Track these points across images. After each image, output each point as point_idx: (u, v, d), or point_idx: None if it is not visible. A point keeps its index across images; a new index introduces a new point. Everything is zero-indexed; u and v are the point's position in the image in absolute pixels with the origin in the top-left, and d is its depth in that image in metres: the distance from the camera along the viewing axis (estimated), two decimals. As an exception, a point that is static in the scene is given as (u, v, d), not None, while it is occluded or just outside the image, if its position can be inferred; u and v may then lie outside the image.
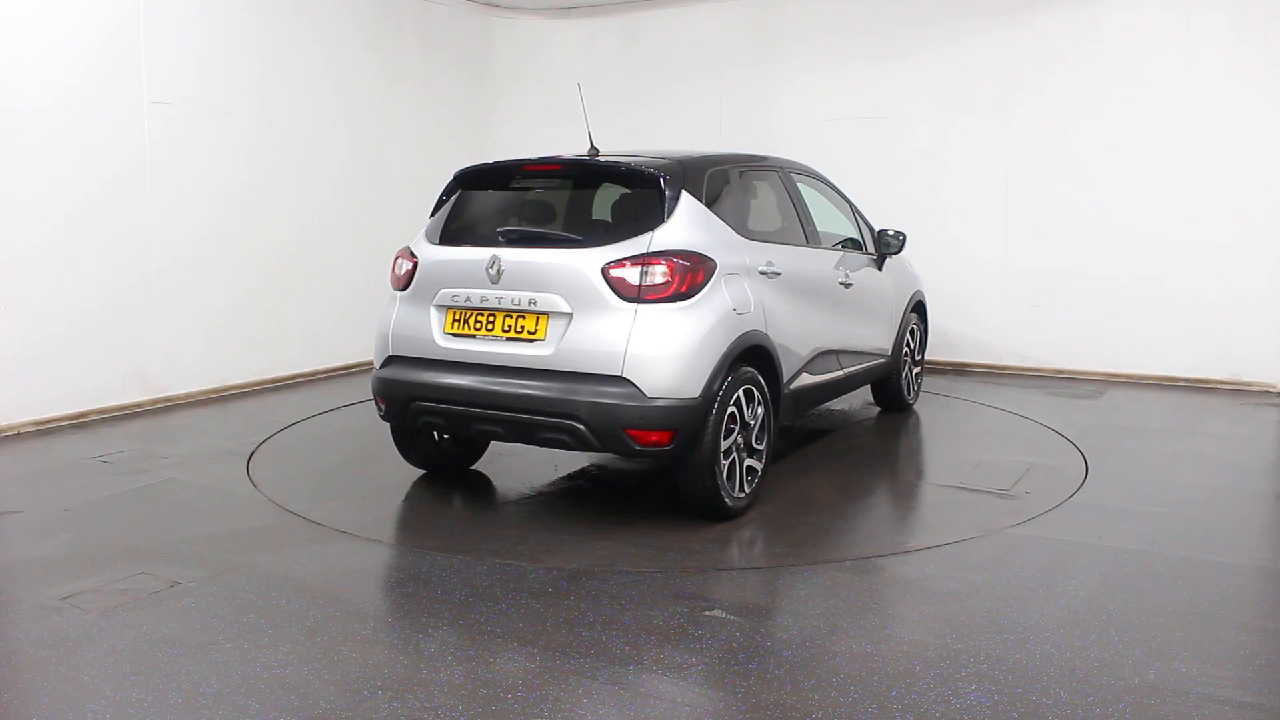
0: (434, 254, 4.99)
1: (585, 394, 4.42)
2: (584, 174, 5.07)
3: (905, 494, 5.46)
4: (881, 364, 6.64)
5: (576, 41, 10.35)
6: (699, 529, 4.66)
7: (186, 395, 7.47)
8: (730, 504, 4.71)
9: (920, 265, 7.64)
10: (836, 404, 7.34)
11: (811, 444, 6.28)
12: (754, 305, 4.83)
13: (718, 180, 5.07)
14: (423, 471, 5.65)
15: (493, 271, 4.71)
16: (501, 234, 4.94)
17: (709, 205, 4.89)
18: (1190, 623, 3.60)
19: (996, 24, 8.53)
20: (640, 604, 3.86)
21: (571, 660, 3.34)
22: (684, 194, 4.74)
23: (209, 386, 7.65)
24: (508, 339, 4.67)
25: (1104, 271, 8.26)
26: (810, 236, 5.75)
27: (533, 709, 3.01)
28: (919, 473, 5.85)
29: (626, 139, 9.67)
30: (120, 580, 3.99)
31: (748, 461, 4.82)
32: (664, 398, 4.39)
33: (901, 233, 6.63)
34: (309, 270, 8.35)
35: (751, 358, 4.83)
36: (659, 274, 4.46)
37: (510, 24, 10.37)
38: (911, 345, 7.10)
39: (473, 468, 5.79)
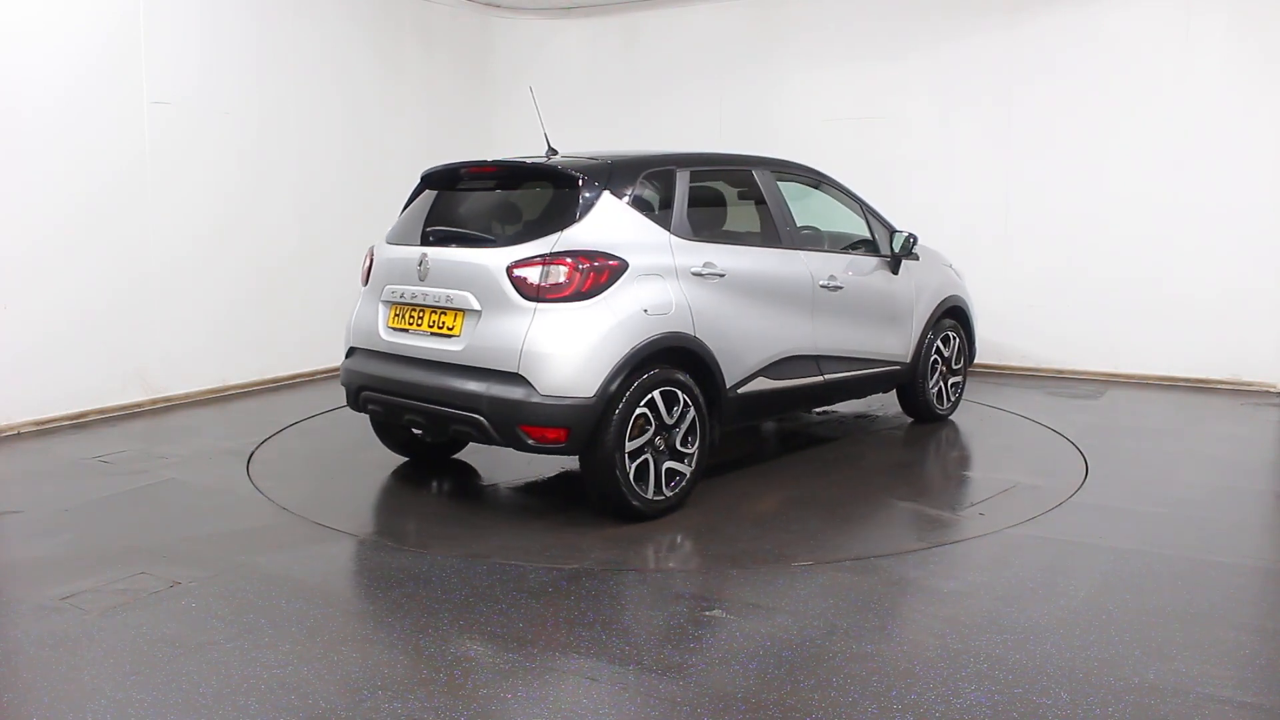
0: (384, 252, 5.28)
1: (486, 389, 4.58)
2: (516, 175, 5.20)
3: (848, 509, 5.03)
4: (893, 371, 6.35)
5: (577, 41, 10.35)
6: (601, 529, 4.65)
7: (186, 395, 7.48)
8: (639, 506, 4.67)
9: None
10: (862, 411, 7.14)
11: (800, 452, 6.18)
12: (677, 306, 4.79)
13: (656, 181, 5.06)
14: (415, 463, 5.74)
15: (421, 269, 4.94)
16: (430, 233, 5.14)
17: (640, 205, 4.92)
18: (1190, 623, 3.60)
19: (996, 24, 8.54)
20: (640, 604, 3.87)
21: (571, 660, 3.34)
22: (605, 194, 4.80)
23: (209, 386, 7.65)
24: (431, 334, 4.88)
25: (1104, 271, 8.27)
26: (787, 238, 5.58)
27: (533, 709, 3.01)
28: (884, 487, 5.44)
29: (626, 139, 9.69)
30: (120, 580, 3.99)
31: (668, 464, 4.78)
32: (556, 396, 4.46)
33: (912, 235, 6.31)
34: (309, 270, 8.35)
35: (673, 359, 4.81)
36: (560, 274, 4.53)
37: (510, 24, 10.37)
38: (944, 353, 6.72)
39: (455, 457, 5.91)
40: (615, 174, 4.90)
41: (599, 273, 4.58)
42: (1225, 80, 7.73)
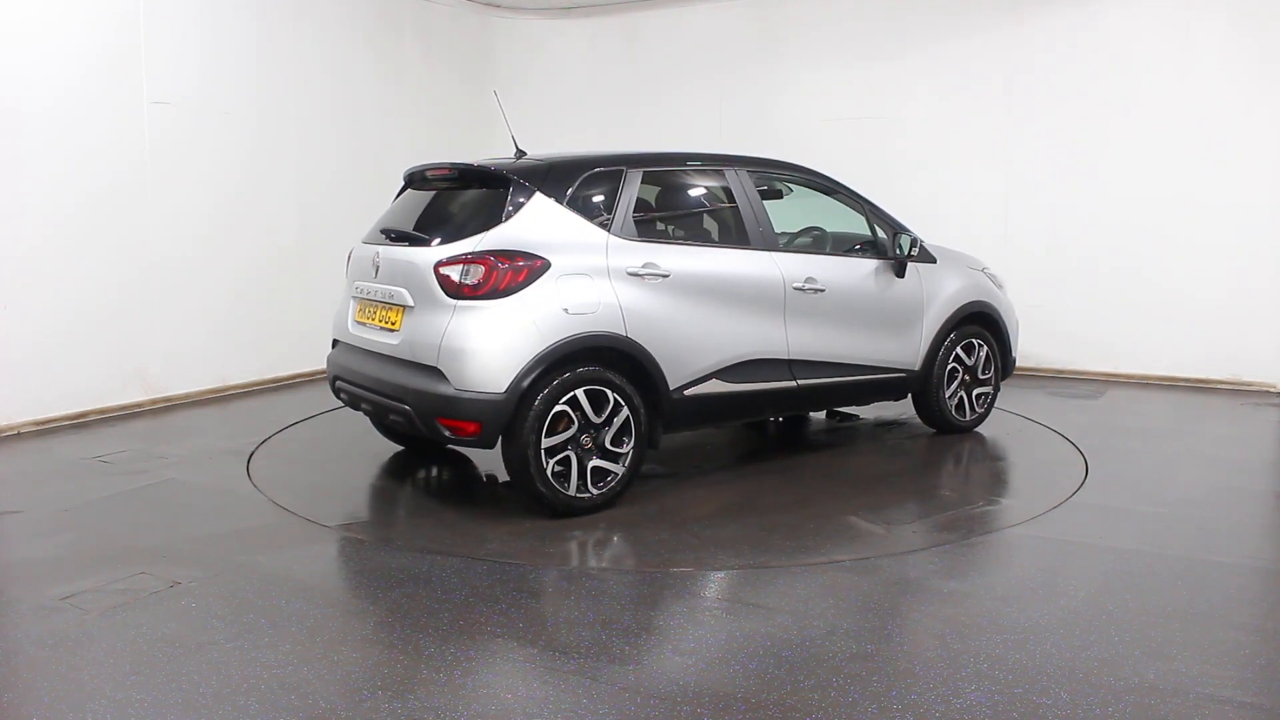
0: (357, 250, 5.53)
1: (413, 382, 4.77)
2: (465, 177, 5.29)
3: (779, 518, 4.81)
4: (897, 379, 6.05)
5: (577, 42, 10.35)
6: (522, 522, 4.73)
7: (186, 395, 7.48)
8: (556, 502, 4.73)
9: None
10: (892, 419, 6.81)
11: (781, 458, 6.03)
12: (605, 306, 4.81)
13: (599, 181, 5.09)
14: (414, 459, 5.76)
15: (374, 267, 5.18)
16: (383, 232, 5.36)
17: (577, 206, 4.96)
18: (1190, 623, 3.60)
19: (996, 24, 8.54)
20: (640, 604, 3.87)
21: (571, 660, 3.34)
22: (537, 195, 4.89)
23: (209, 386, 7.65)
24: (380, 328, 5.11)
25: (1104, 271, 8.27)
26: (757, 238, 5.46)
27: (533, 709, 3.01)
28: (840, 498, 5.15)
29: (626, 140, 9.69)
30: (120, 580, 3.99)
31: (596, 463, 4.81)
32: (468, 391, 4.59)
33: (912, 237, 6.00)
34: (308, 270, 8.34)
35: (602, 359, 4.82)
36: (478, 272, 4.66)
37: (510, 24, 10.37)
38: (966, 361, 6.34)
39: (451, 448, 5.97)
40: (552, 175, 4.98)
41: (517, 272, 4.68)
42: (1225, 79, 7.73)
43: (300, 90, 8.26)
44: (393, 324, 4.99)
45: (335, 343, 5.66)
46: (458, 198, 5.31)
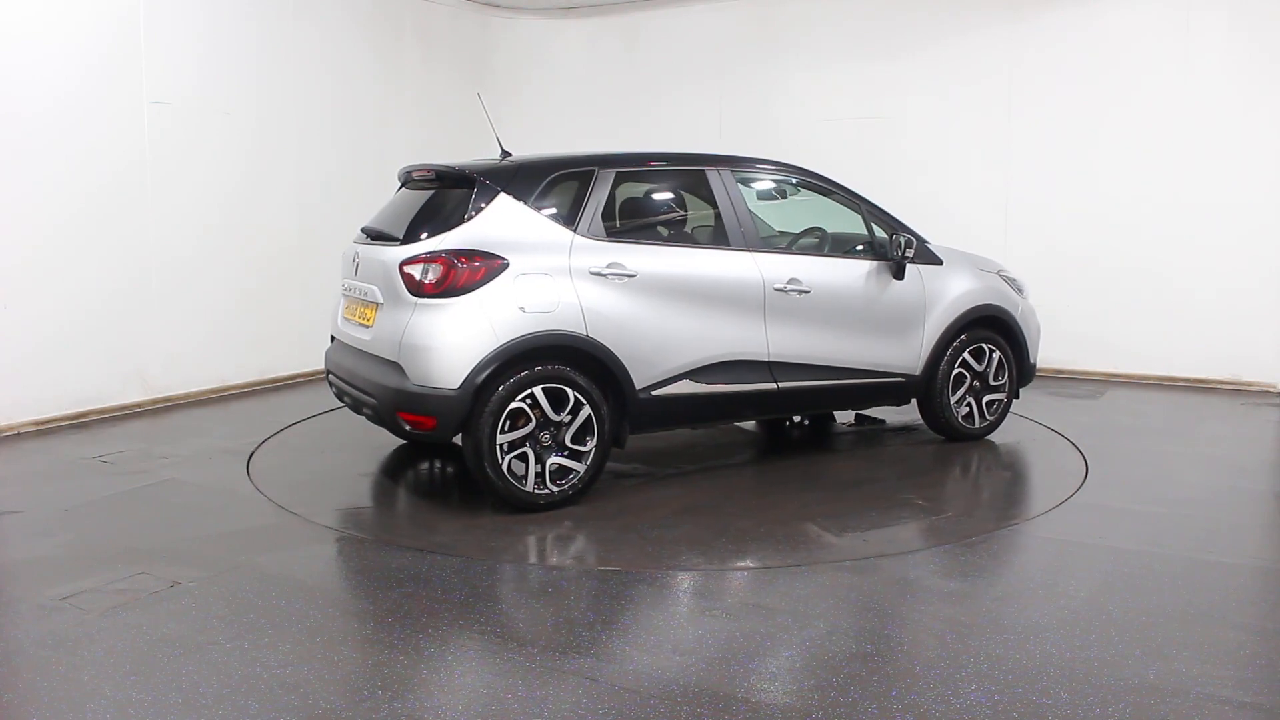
0: (346, 249, 5.66)
1: (379, 377, 4.92)
2: (441, 178, 5.37)
3: (728, 522, 4.74)
4: (894, 383, 5.90)
5: (577, 42, 10.36)
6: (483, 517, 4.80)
7: (186, 395, 7.47)
8: (512, 497, 4.80)
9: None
10: (908, 423, 6.62)
11: (773, 459, 6.01)
12: (564, 306, 4.83)
13: (567, 182, 5.15)
14: (415, 457, 5.76)
15: (354, 265, 5.37)
16: (364, 230, 5.55)
17: (543, 206, 5.02)
18: (1190, 623, 3.60)
19: (996, 23, 8.54)
20: (640, 604, 3.87)
21: (571, 660, 3.34)
22: (501, 195, 4.97)
23: (209, 386, 7.65)
24: (359, 324, 5.26)
25: (1104, 271, 8.27)
26: (738, 239, 5.39)
27: (533, 709, 3.01)
28: (802, 504, 5.04)
29: (625, 140, 9.69)
30: (120, 580, 3.99)
31: (559, 460, 4.85)
32: (425, 386, 4.70)
33: (911, 238, 5.78)
34: (308, 270, 8.34)
35: (562, 357, 4.85)
36: (437, 271, 4.77)
37: (510, 25, 10.37)
38: (975, 367, 6.12)
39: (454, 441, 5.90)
40: (519, 176, 5.05)
41: (474, 271, 4.76)
42: (1225, 77, 7.73)
43: (300, 90, 8.26)
44: (367, 320, 5.13)
45: (332, 339, 5.80)
46: (435, 198, 5.34)
